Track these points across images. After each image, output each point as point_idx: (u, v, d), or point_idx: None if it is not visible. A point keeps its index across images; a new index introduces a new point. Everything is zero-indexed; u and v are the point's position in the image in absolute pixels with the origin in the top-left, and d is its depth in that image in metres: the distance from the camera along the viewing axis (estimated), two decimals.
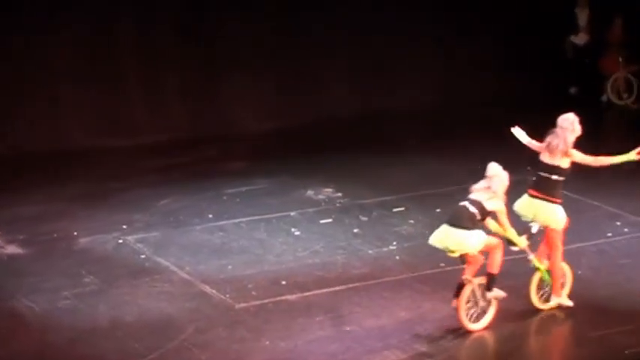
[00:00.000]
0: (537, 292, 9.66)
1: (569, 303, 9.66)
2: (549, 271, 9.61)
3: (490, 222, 9.25)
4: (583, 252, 10.80)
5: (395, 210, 12.07)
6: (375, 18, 16.04)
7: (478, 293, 9.26)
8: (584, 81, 16.98)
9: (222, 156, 14.32)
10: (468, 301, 9.20)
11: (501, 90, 16.41)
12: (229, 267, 10.52)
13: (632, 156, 9.83)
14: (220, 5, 15.35)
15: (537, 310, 9.63)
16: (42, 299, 9.76)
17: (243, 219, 11.84)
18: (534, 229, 9.58)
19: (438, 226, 11.23)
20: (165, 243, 11.17)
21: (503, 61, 16.65)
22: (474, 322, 9.27)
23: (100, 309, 9.63)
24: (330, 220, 11.82)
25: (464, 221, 9.06)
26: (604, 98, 17.05)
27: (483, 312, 9.31)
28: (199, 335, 9.17)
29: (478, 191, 9.25)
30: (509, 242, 9.33)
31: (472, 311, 9.23)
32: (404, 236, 11.32)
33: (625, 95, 16.96)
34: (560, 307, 9.61)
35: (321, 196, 12.58)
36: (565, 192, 12.14)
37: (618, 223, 11.64)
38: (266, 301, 9.77)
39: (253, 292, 9.94)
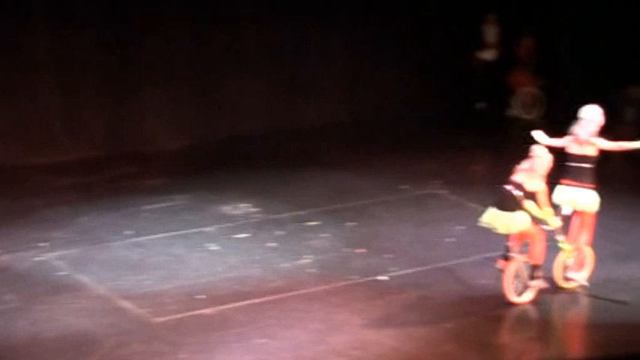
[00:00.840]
0: (562, 272, 10.35)
1: (587, 283, 10.33)
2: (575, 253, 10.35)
3: (528, 204, 9.88)
4: (488, 263, 10.83)
5: (309, 224, 12.18)
6: (288, 34, 16.14)
7: (522, 270, 9.94)
8: (492, 96, 17.25)
9: (140, 173, 14.27)
10: (513, 277, 9.90)
11: (411, 106, 16.63)
12: (147, 282, 10.55)
13: None
14: (137, 22, 15.31)
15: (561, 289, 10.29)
16: None
17: (161, 235, 11.87)
18: (565, 211, 10.29)
19: (351, 240, 11.71)
20: (85, 260, 11.17)
21: (412, 77, 16.79)
22: (518, 296, 9.93)
23: (20, 326, 9.63)
24: (246, 234, 11.88)
25: (509, 204, 9.85)
26: (511, 113, 17.38)
27: (526, 287, 10.00)
28: (118, 350, 9.23)
29: (521, 172, 9.97)
30: (543, 221, 10.04)
31: (517, 286, 9.94)
32: (318, 249, 11.44)
33: (531, 109, 17.31)
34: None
35: (237, 212, 12.63)
36: (473, 205, 12.72)
37: None
38: (183, 315, 9.83)
39: (171, 307, 9.98)
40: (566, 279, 10.42)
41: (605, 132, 10.51)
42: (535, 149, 10.06)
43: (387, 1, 16.74)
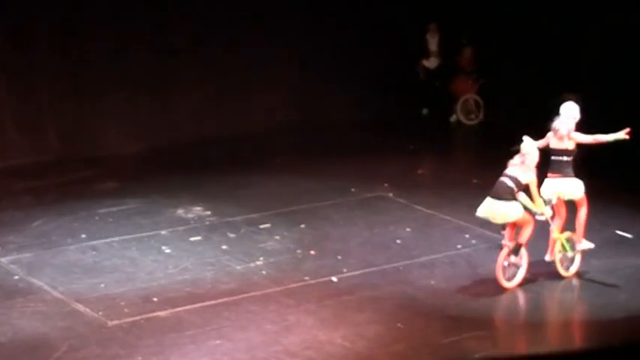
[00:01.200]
0: (561, 264, 10.94)
1: (592, 245, 11.06)
2: (568, 240, 10.93)
3: (521, 195, 10.55)
4: (435, 263, 11.27)
5: (261, 227, 12.27)
6: (240, 41, 16.24)
7: (517, 253, 10.61)
8: (435, 102, 17.52)
9: (93, 177, 14.26)
10: (506, 257, 10.54)
11: (358, 111, 16.83)
12: (102, 285, 10.57)
13: (621, 135, 11.14)
14: (92, 26, 15.31)
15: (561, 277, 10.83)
16: None
17: (115, 238, 11.89)
18: (554, 201, 10.89)
19: (302, 242, 11.89)
20: (39, 263, 11.15)
21: (360, 83, 16.93)
22: (508, 280, 10.66)
23: None
24: (199, 237, 11.94)
25: (504, 194, 10.47)
26: (453, 118, 17.67)
27: (517, 268, 10.67)
28: (73, 353, 9.25)
29: (513, 166, 10.64)
30: (536, 211, 10.67)
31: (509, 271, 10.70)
32: (270, 252, 11.53)
33: (473, 115, 17.64)
34: (410, 318, 10.11)
35: (190, 215, 12.68)
36: (419, 208, 13.02)
37: (467, 236, 12.07)
38: (138, 317, 9.86)
39: (125, 310, 10.02)
40: (566, 269, 11.04)
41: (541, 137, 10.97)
42: (524, 146, 10.73)
43: (335, 9, 16.91)
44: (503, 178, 10.69)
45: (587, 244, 11.14)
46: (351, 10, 17.00)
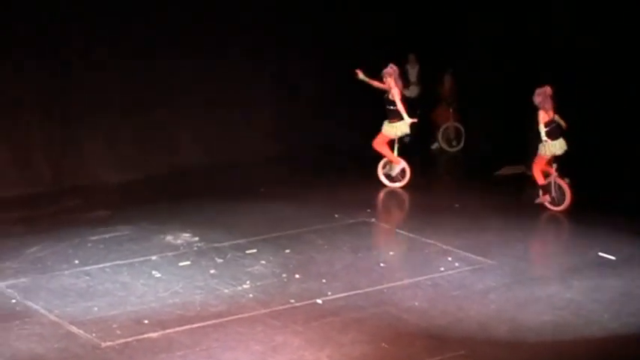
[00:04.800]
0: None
1: None
2: None
3: None
4: (419, 285, 11.40)
5: (247, 252, 12.47)
6: (222, 73, 16.46)
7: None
8: (416, 131, 17.81)
9: (85, 206, 14.46)
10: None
11: (338, 140, 17.01)
12: (95, 308, 10.74)
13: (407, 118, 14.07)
14: (76, 58, 15.48)
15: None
16: None
17: (108, 264, 12.08)
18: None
19: (287, 266, 12.07)
20: (35, 288, 11.31)
21: (340, 112, 17.18)
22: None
23: None
24: (188, 262, 12.13)
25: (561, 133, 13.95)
26: (435, 146, 17.98)
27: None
28: None
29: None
30: None
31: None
32: (256, 275, 11.70)
33: (454, 143, 17.95)
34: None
35: (179, 241, 12.89)
36: (402, 232, 13.30)
37: (450, 259, 12.17)
38: (130, 339, 10.00)
39: (118, 331, 10.16)
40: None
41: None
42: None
43: (317, 39, 17.16)
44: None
45: None
46: (337, 41, 17.22)
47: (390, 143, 15.53)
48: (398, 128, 15.29)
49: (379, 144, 15.39)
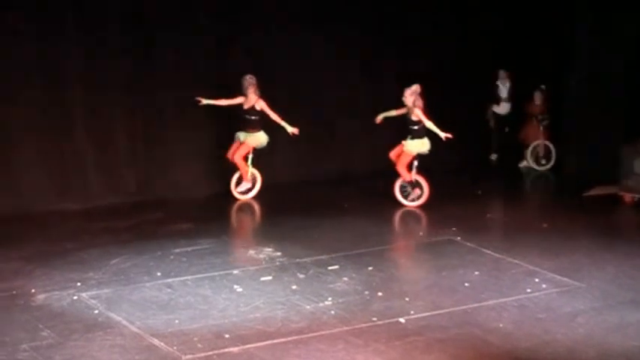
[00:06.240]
0: None
1: None
2: None
3: None
4: (505, 307, 11.22)
5: (330, 268, 12.44)
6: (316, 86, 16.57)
7: None
8: (504, 148, 17.70)
9: (168, 218, 14.60)
10: None
11: (428, 157, 16.62)
12: (176, 321, 10.76)
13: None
14: (158, 64, 15.62)
15: None
16: (2, 352, 9.92)
17: (189, 277, 12.13)
18: None
19: (370, 283, 11.99)
20: (117, 299, 11.40)
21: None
22: None
23: None
24: (270, 277, 12.12)
25: None
26: (523, 164, 17.80)
27: None
28: None
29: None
30: None
31: None
32: (338, 292, 11.63)
33: (543, 161, 17.79)
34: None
35: (261, 256, 12.91)
36: (488, 251, 13.11)
37: (537, 280, 12.03)
38: (211, 353, 9.97)
39: (199, 345, 10.15)
40: None
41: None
42: None
43: (407, 62, 17.13)
44: None
45: None
46: (424, 62, 17.20)
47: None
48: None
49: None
